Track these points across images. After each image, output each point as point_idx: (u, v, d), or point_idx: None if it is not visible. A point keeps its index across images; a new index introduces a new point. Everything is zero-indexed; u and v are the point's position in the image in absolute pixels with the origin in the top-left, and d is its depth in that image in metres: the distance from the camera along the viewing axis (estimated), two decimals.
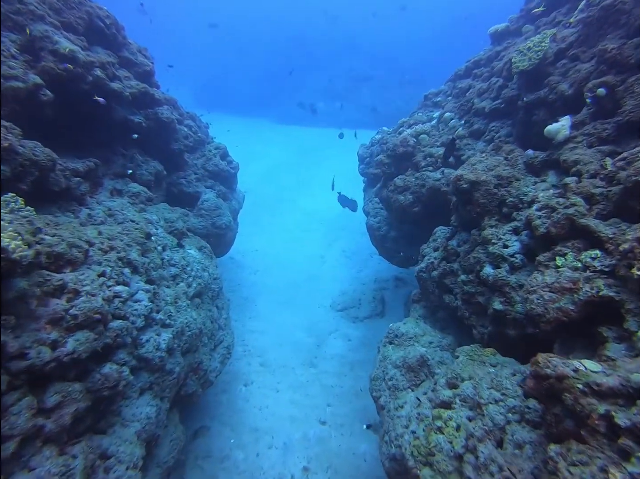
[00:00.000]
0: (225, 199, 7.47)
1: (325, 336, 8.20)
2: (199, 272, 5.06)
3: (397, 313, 8.96)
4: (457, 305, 3.89)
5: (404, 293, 9.55)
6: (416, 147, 5.59)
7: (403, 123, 6.92)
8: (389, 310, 9.15)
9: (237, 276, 10.10)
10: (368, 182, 8.14)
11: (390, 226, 6.83)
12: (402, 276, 10.01)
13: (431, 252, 4.44)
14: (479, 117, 5.30)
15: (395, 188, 5.44)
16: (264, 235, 11.97)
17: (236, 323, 8.30)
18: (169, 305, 3.94)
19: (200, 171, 7.19)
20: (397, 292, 9.66)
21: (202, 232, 6.66)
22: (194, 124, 7.87)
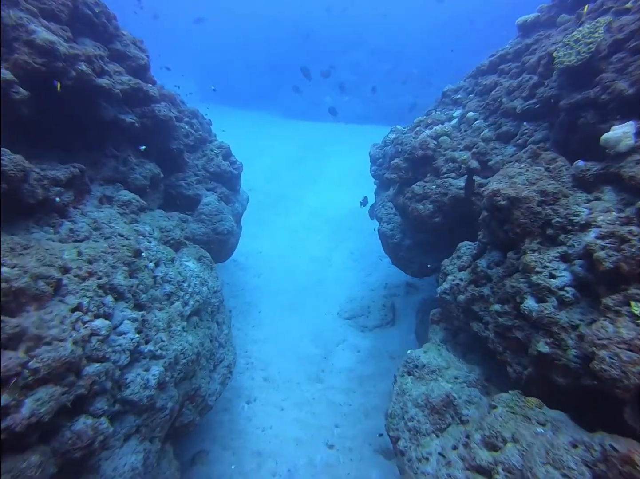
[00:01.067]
0: (228, 202, 6.99)
1: (333, 347, 7.75)
2: (196, 288, 4.60)
3: (408, 321, 8.49)
4: (487, 336, 3.41)
5: (415, 300, 9.07)
6: (436, 150, 5.08)
7: (420, 123, 6.39)
8: (399, 318, 8.68)
9: (240, 279, 9.65)
10: (380, 184, 7.63)
11: (404, 234, 6.34)
12: (413, 282, 9.51)
13: (456, 271, 3.94)
14: (508, 118, 4.77)
15: (414, 195, 4.94)
16: (268, 235, 11.49)
17: (239, 332, 7.87)
18: (161, 331, 3.48)
19: (201, 172, 6.70)
20: (408, 299, 9.18)
21: (203, 238, 6.19)
22: (196, 121, 7.37)
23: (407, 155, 5.25)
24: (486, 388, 3.58)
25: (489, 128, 4.97)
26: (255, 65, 26.60)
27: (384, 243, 6.80)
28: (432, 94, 21.49)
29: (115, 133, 4.90)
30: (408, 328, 8.33)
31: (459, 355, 4.18)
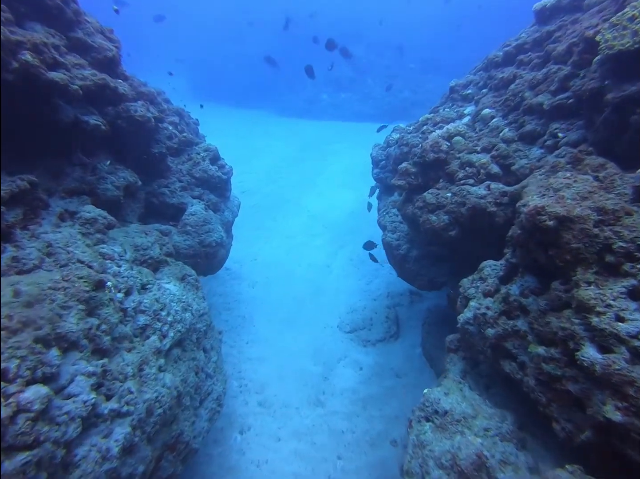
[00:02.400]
0: (217, 210, 6.36)
1: (334, 364, 7.15)
2: (178, 315, 3.98)
3: (413, 334, 7.90)
4: (524, 380, 2.81)
5: (420, 309, 8.49)
6: (449, 152, 4.47)
7: (427, 121, 5.78)
8: (404, 330, 8.09)
9: (234, 290, 9.04)
10: (383, 188, 7.01)
11: (411, 244, 5.73)
12: (417, 290, 8.91)
13: (480, 297, 3.34)
14: (532, 116, 4.17)
15: (425, 205, 4.33)
16: (265, 241, 10.87)
17: (232, 350, 7.25)
18: (130, 379, 2.86)
19: (186, 178, 6.07)
20: (413, 308, 8.59)
21: (188, 252, 5.57)
22: (180, 121, 6.74)
23: (416, 158, 4.64)
24: (522, 441, 2.99)
25: (510, 127, 4.36)
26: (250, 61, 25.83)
27: (388, 254, 6.20)
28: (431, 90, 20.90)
29: (83, 138, 4.27)
30: (413, 341, 7.74)
31: (481, 390, 3.59)
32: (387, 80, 20.43)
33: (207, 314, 4.89)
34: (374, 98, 20.11)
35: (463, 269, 5.35)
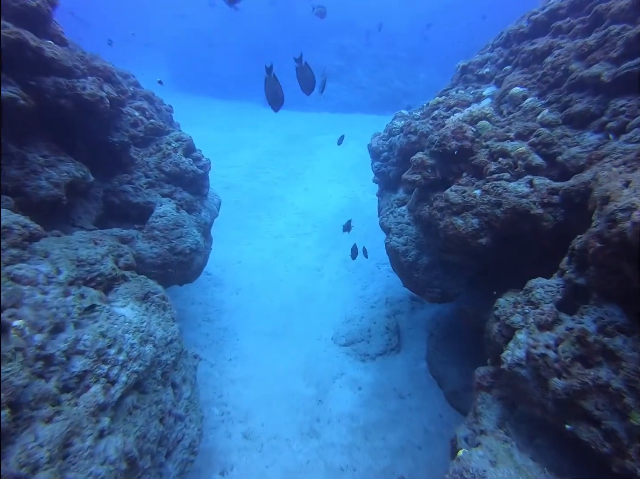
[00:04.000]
0: (192, 210, 5.42)
1: (329, 383, 6.29)
2: (135, 350, 3.07)
3: (417, 345, 7.10)
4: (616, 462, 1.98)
5: (422, 317, 7.69)
6: (475, 140, 3.62)
7: (437, 105, 4.94)
8: (405, 341, 7.28)
9: (215, 298, 8.10)
10: (385, 184, 6.14)
11: (420, 249, 4.89)
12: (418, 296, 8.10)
13: (534, 330, 2.50)
14: (582, 92, 3.36)
15: (448, 205, 3.48)
16: (249, 242, 9.93)
17: (212, 370, 6.33)
18: (42, 471, 1.94)
19: (154, 172, 5.12)
20: (414, 316, 7.79)
21: (156, 261, 4.64)
22: (149, 107, 5.77)
23: (434, 147, 3.78)
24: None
25: (550, 108, 3.54)
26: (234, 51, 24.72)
27: (393, 260, 5.34)
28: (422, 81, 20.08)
29: (12, 118, 3.28)
30: (417, 354, 6.93)
31: (525, 442, 2.76)
32: (377, 70, 19.58)
33: (177, 340, 3.97)
34: (363, 88, 19.20)
35: (484, 279, 4.52)
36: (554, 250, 3.09)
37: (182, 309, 7.69)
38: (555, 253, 2.99)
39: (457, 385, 5.81)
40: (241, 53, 24.16)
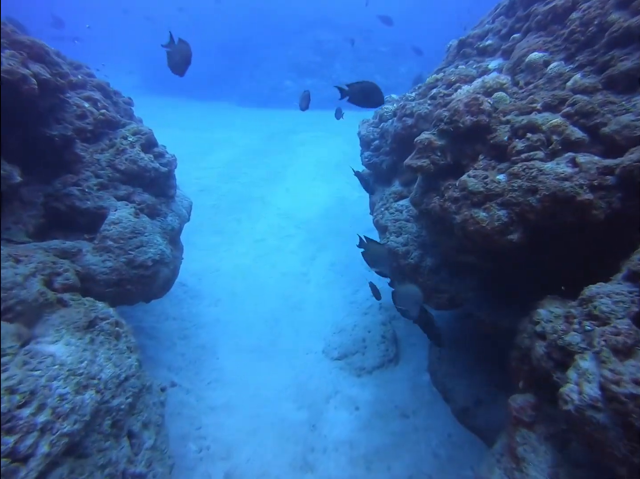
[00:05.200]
0: (155, 215, 4.64)
1: (322, 405, 5.57)
2: (67, 401, 2.31)
3: (417, 355, 6.44)
4: None
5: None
6: (492, 115, 2.96)
7: (435, 83, 4.29)
8: (404, 351, 6.61)
9: (192, 311, 7.29)
10: (377, 176, 5.45)
11: (424, 249, 4.22)
12: None
13: (609, 358, 1.84)
14: (627, 47, 2.73)
15: (466, 195, 2.80)
16: (229, 247, 9.13)
17: (188, 398, 5.54)
18: None
19: (107, 171, 4.32)
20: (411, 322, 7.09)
21: (110, 278, 3.85)
22: (103, 98, 4.96)
23: (443, 125, 3.12)
24: None
25: (583, 72, 2.91)
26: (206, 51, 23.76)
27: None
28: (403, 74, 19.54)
29: None
30: (418, 365, 6.27)
31: None
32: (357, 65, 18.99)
33: (135, 375, 3.19)
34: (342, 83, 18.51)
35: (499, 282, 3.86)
36: (603, 246, 2.44)
37: (154, 326, 6.87)
38: (605, 251, 2.33)
39: (467, 400, 5.15)
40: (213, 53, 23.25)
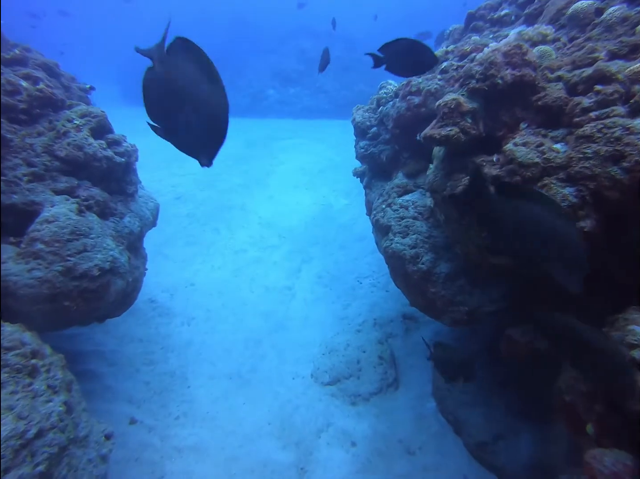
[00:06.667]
0: (107, 215, 3.77)
1: (312, 441, 4.71)
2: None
3: (418, 377, 5.64)
4: None
5: (419, 340, 6.22)
6: (538, 70, 2.26)
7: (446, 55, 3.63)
8: (403, 373, 5.81)
9: (160, 332, 6.34)
10: (376, 170, 4.70)
11: (437, 252, 3.46)
12: (411, 313, 6.70)
13: None
14: None
15: (513, 170, 2.06)
16: (205, 259, 8.23)
17: (151, 438, 4.59)
18: None
19: (43, 159, 3.46)
20: (410, 339, 6.33)
21: (40, 292, 2.97)
22: (48, 79, 4.12)
23: (476, 82, 2.41)
24: None
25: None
26: None
27: (396, 270, 3.86)
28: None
29: None
30: (421, 390, 5.46)
31: None
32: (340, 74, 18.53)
33: (57, 428, 2.29)
34: (326, 92, 18.01)
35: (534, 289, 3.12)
36: None
37: (115, 350, 5.90)
38: None
39: (484, 433, 4.35)
40: None
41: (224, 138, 1.61)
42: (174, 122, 1.59)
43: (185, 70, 1.56)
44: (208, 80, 1.55)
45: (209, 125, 1.57)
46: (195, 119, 1.57)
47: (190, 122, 1.57)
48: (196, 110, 1.56)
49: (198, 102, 1.55)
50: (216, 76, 1.55)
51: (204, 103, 1.55)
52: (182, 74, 1.57)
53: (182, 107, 1.56)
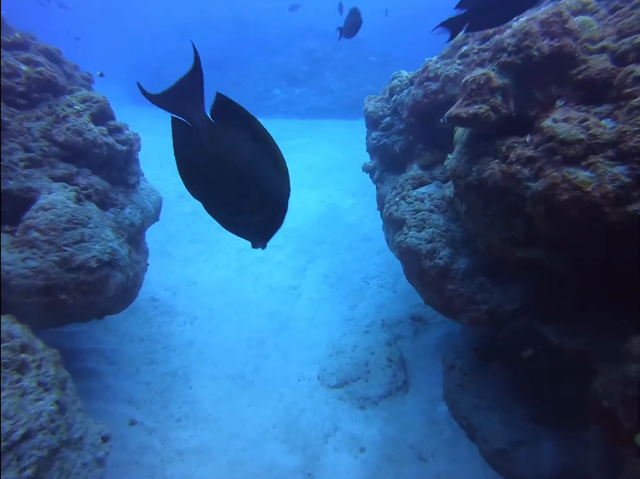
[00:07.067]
0: (107, 205, 3.60)
1: (319, 446, 4.49)
2: None
3: (428, 380, 5.42)
4: None
5: (429, 342, 6.02)
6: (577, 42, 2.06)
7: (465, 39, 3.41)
8: (413, 375, 5.59)
9: (162, 331, 6.16)
10: (388, 162, 4.51)
11: (455, 248, 3.26)
12: (420, 314, 6.49)
13: None
14: None
15: (552, 148, 1.86)
16: (208, 258, 8.05)
17: (151, 440, 4.40)
18: None
19: (41, 144, 3.30)
20: (419, 341, 6.11)
21: (34, 283, 2.79)
22: (46, 62, 3.96)
23: (507, 56, 2.20)
24: None
25: None
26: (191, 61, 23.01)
27: (411, 267, 3.66)
28: None
29: None
30: (431, 393, 5.23)
31: None
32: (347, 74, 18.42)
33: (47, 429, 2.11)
34: (332, 92, 17.85)
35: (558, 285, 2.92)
36: None
37: (116, 349, 5.71)
38: None
39: (502, 440, 4.11)
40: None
41: (281, 223, 1.40)
42: (222, 201, 1.39)
43: (240, 143, 1.33)
44: (267, 159, 1.33)
45: (266, 210, 1.37)
46: (250, 202, 1.36)
47: (244, 204, 1.37)
48: (253, 193, 1.35)
49: (256, 184, 1.34)
50: (276, 153, 1.34)
51: (262, 186, 1.34)
52: (236, 148, 1.33)
53: (235, 186, 1.34)
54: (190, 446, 4.36)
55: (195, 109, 1.36)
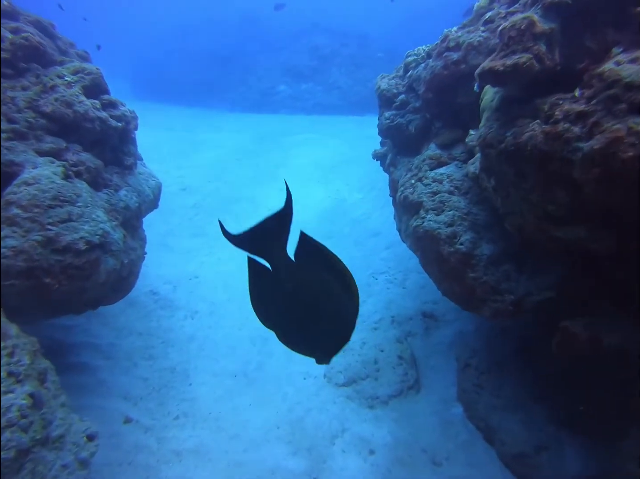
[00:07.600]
0: (99, 185, 3.33)
1: (326, 447, 4.20)
2: None
3: (441, 379, 5.12)
4: None
5: (441, 339, 5.71)
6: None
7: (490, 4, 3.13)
8: (425, 374, 5.28)
9: (162, 325, 5.89)
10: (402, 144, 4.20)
11: (478, 232, 2.97)
12: (431, 311, 6.18)
13: None
14: None
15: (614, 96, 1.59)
16: (210, 252, 7.77)
17: (147, 439, 4.12)
18: None
19: (26, 115, 3.03)
20: (431, 339, 5.81)
21: (14, 264, 2.50)
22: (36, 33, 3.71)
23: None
24: None
25: None
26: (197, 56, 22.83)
27: (428, 253, 3.35)
28: None
29: None
30: (444, 393, 4.93)
31: None
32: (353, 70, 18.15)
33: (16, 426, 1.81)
34: (339, 88, 17.58)
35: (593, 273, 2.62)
36: None
37: (113, 343, 5.45)
38: None
39: (523, 443, 3.80)
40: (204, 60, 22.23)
41: (348, 341, 1.41)
42: (296, 329, 1.46)
43: (316, 278, 1.41)
44: (340, 285, 1.39)
45: (336, 331, 1.39)
46: (321, 328, 1.41)
47: (316, 330, 1.42)
48: (325, 320, 1.40)
49: (329, 313, 1.40)
50: (349, 278, 1.38)
51: (334, 312, 1.40)
52: (312, 283, 1.41)
53: (309, 317, 1.42)
54: (188, 446, 4.08)
55: (279, 252, 1.44)
